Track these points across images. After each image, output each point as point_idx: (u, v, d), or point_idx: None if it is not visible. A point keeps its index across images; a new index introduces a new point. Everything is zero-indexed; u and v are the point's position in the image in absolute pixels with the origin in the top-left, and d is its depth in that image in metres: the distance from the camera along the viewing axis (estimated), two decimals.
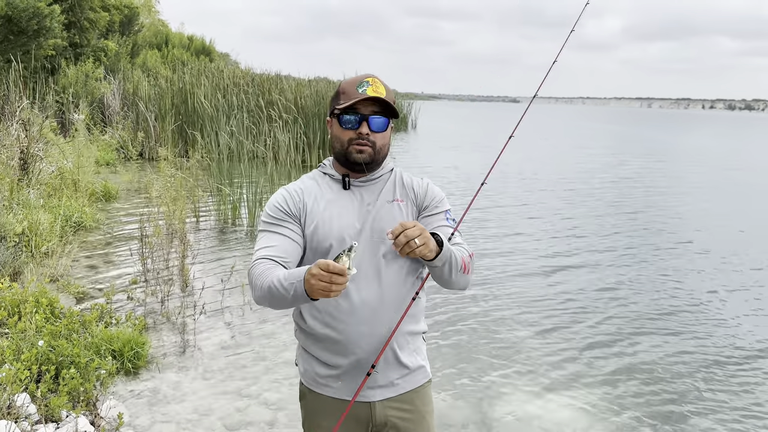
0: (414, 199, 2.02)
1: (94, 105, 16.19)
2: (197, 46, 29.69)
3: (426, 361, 2.09)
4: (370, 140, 1.93)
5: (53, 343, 3.89)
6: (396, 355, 1.97)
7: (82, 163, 9.46)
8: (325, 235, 1.92)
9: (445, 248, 1.80)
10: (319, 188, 2.00)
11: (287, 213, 1.95)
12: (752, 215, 12.46)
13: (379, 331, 1.91)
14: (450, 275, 1.87)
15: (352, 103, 1.90)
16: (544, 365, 4.85)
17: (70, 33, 17.34)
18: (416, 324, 2.03)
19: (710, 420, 4.14)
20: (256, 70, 19.06)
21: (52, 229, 6.72)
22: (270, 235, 1.93)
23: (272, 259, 1.85)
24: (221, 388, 4.21)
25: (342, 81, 1.97)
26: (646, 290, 6.92)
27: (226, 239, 8.20)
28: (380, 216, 1.95)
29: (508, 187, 13.92)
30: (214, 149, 10.45)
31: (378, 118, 1.93)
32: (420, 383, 2.05)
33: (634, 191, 14.60)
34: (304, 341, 2.04)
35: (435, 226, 1.97)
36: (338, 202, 1.97)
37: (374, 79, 1.94)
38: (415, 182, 2.06)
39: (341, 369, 1.95)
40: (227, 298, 5.87)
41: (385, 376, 1.96)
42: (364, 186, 2.00)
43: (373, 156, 1.95)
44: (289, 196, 1.98)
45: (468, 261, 1.93)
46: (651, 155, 25.44)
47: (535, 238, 9.26)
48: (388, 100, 1.92)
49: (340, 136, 1.96)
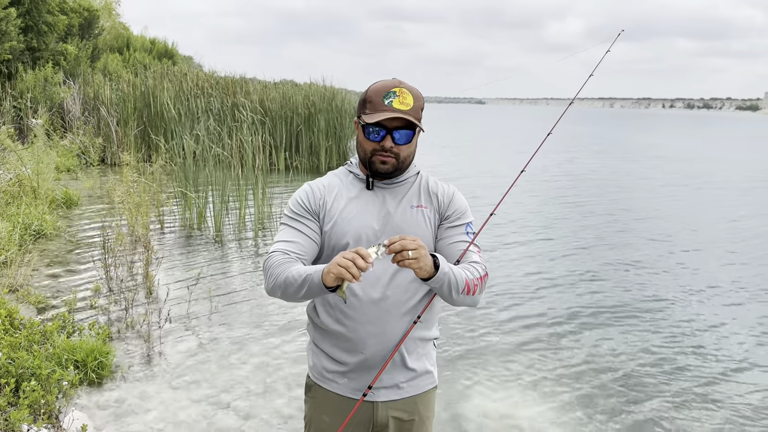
0: (438, 207, 2.00)
1: (54, 110, 15.81)
2: (160, 50, 29.23)
3: (434, 367, 2.09)
4: (394, 152, 1.91)
5: (13, 355, 3.79)
6: (404, 358, 1.97)
7: (41, 170, 9.22)
8: (343, 232, 1.93)
9: (440, 274, 1.78)
10: (343, 185, 2.01)
11: (307, 210, 1.96)
12: (706, 214, 12.80)
13: (386, 331, 1.92)
14: (449, 295, 1.86)
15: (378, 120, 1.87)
16: (515, 365, 4.91)
17: (27, 37, 16.91)
18: (428, 330, 2.03)
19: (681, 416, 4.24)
20: (220, 73, 18.84)
21: (10, 238, 6.55)
22: (289, 230, 1.96)
23: (288, 252, 1.89)
24: (189, 397, 4.15)
25: (370, 86, 1.92)
26: (615, 289, 7.05)
27: (191, 245, 8.09)
28: (402, 220, 1.95)
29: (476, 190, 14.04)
30: (178, 154, 10.30)
31: (402, 132, 1.89)
32: (425, 389, 2.05)
33: (586, 186, 14.87)
34: (315, 336, 2.06)
35: (454, 240, 1.97)
36: (359, 201, 1.97)
37: (401, 89, 1.89)
38: (440, 189, 2.03)
39: (348, 366, 1.96)
40: (193, 305, 5.79)
41: (391, 377, 1.97)
42: (388, 188, 1.99)
43: (396, 166, 1.94)
44: (312, 192, 1.99)
45: (476, 283, 1.89)
46: (602, 152, 25.95)
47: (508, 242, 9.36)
48: (414, 112, 1.88)
49: (364, 145, 1.94)
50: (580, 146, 29.78)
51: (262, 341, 5.11)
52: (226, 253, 7.83)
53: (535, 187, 14.79)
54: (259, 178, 9.41)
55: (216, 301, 5.93)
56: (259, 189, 9.19)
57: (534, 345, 5.32)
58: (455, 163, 20.74)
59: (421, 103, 1.92)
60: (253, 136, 12.80)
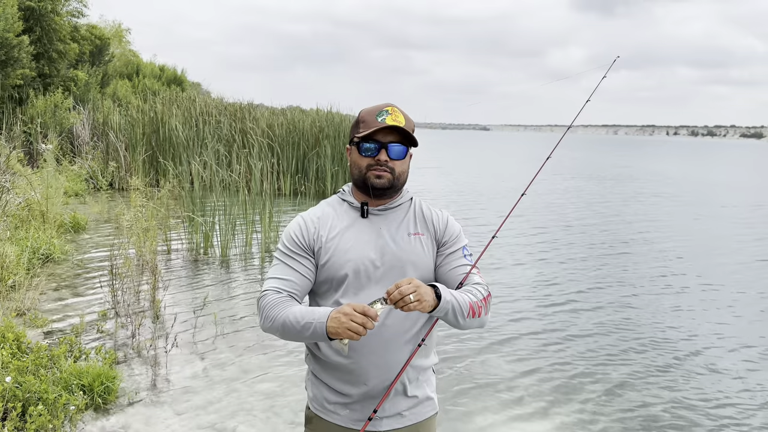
0: (434, 233, 2.02)
1: (63, 135, 15.99)
2: (169, 76, 29.62)
3: (434, 393, 2.09)
4: (389, 167, 1.93)
5: (20, 379, 3.79)
6: (405, 387, 1.97)
7: (50, 194, 9.31)
8: (339, 264, 1.92)
9: (443, 303, 1.80)
10: (336, 215, 2.00)
11: (300, 246, 1.96)
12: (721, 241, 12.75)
13: (389, 362, 1.91)
14: (455, 322, 1.87)
15: (372, 132, 1.91)
16: (520, 388, 4.87)
17: (38, 63, 17.18)
18: (426, 357, 2.03)
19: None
20: (228, 99, 19.07)
21: (18, 262, 6.58)
22: (282, 266, 1.95)
23: (281, 291, 1.89)
24: (194, 423, 4.13)
25: (362, 110, 1.98)
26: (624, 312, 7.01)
27: (198, 269, 8.11)
28: (400, 249, 1.95)
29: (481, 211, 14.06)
30: (185, 178, 10.38)
31: (397, 146, 1.93)
32: (427, 415, 2.05)
33: (596, 215, 14.86)
34: (315, 367, 2.04)
35: (455, 265, 1.98)
36: (354, 230, 1.97)
37: (393, 108, 1.95)
38: (434, 215, 2.05)
39: (351, 398, 1.95)
40: (199, 330, 5.79)
41: (393, 406, 1.96)
42: (383, 214, 2.00)
43: (392, 182, 1.95)
44: (305, 226, 1.98)
45: (480, 304, 1.91)
46: (609, 178, 25.97)
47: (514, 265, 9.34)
48: (407, 128, 1.93)
49: (358, 163, 1.96)
50: (587, 173, 29.82)
51: (268, 366, 5.10)
52: (233, 277, 7.84)
53: (538, 210, 14.79)
54: (266, 203, 9.46)
55: (222, 326, 5.92)
56: (266, 213, 9.23)
57: (538, 368, 5.27)
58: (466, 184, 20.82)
59: (412, 125, 1.97)
60: (261, 161, 12.89)
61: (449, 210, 2.19)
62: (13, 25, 14.80)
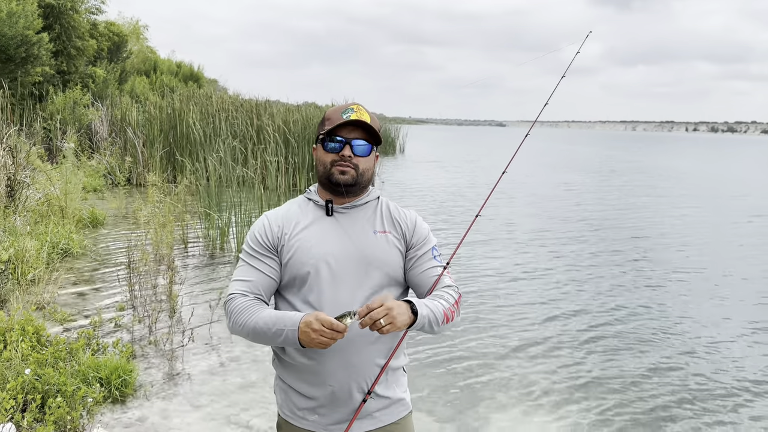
0: (403, 234, 2.02)
1: (82, 131, 16.17)
2: (186, 73, 29.82)
3: (407, 393, 2.08)
4: (353, 163, 1.94)
5: (39, 372, 3.85)
6: (366, 386, 1.96)
7: (69, 190, 9.42)
8: (302, 261, 1.92)
9: (420, 319, 1.80)
10: (301, 213, 2.01)
11: (264, 246, 1.97)
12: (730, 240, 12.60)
13: (354, 362, 1.90)
14: (430, 330, 1.88)
15: (336, 127, 1.94)
16: (524, 384, 4.85)
17: (58, 60, 17.38)
18: (396, 359, 2.01)
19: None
20: (244, 96, 19.17)
21: (38, 256, 6.67)
22: (247, 267, 1.96)
23: (247, 293, 1.91)
24: (210, 416, 4.16)
25: (328, 109, 2.03)
26: (624, 306, 6.96)
27: (214, 264, 8.17)
28: (364, 245, 1.95)
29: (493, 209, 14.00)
30: (202, 174, 10.46)
31: (360, 142, 1.95)
32: (401, 415, 2.04)
33: (607, 208, 14.74)
34: (281, 371, 2.04)
35: (425, 268, 1.98)
36: (318, 227, 1.97)
37: (358, 107, 1.98)
38: (402, 216, 2.05)
39: (317, 401, 1.94)
40: (215, 324, 5.83)
41: (365, 408, 1.95)
42: (348, 212, 2.00)
43: (356, 178, 1.95)
44: (269, 226, 2.00)
45: (453, 309, 1.92)
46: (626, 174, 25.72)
47: (515, 257, 9.30)
48: (371, 125, 1.95)
49: (323, 159, 1.98)
50: (605, 168, 29.56)
51: None
52: None
53: (544, 206, 14.71)
54: (281, 199, 9.49)
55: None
56: None
57: (543, 367, 5.25)
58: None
59: (378, 124, 2.00)
60: (277, 157, 12.94)
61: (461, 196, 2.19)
62: (33, 23, 14.98)
